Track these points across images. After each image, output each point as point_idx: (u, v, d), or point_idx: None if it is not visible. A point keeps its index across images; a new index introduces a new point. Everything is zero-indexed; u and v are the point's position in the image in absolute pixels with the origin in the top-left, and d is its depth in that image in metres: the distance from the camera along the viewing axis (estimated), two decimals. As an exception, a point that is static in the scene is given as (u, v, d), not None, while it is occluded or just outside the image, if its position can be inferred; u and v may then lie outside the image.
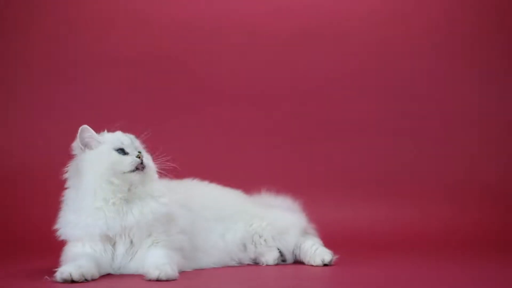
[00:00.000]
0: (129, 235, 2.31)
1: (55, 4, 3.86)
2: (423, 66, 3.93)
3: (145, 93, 3.86)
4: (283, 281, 2.40)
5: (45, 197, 2.50)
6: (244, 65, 3.90)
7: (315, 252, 2.62)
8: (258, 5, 3.93)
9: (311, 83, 3.91)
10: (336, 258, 2.60)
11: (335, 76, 3.90)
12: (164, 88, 3.87)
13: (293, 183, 3.02)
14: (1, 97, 3.80)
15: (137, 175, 2.32)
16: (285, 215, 2.76)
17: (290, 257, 2.70)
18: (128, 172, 2.31)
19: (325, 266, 2.58)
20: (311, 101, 3.90)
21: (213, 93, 3.89)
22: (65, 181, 2.38)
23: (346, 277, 2.41)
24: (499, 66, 3.92)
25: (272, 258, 2.65)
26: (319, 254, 2.60)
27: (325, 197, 3.65)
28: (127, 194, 2.31)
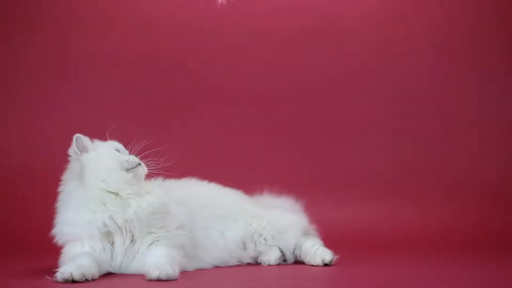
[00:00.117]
0: (130, 230, 2.33)
1: (55, 4, 3.86)
2: (423, 66, 3.94)
3: (145, 93, 3.86)
4: (284, 281, 2.40)
5: (45, 197, 2.50)
6: (244, 65, 3.91)
7: (315, 252, 2.62)
8: (258, 5, 3.93)
9: (311, 83, 3.91)
10: (336, 258, 2.60)
11: (335, 76, 3.90)
12: (164, 88, 3.87)
13: (293, 183, 3.01)
14: (1, 97, 3.80)
15: (139, 169, 2.41)
16: (286, 215, 2.77)
17: (290, 257, 2.70)
18: (131, 168, 2.40)
19: (326, 266, 2.58)
20: (311, 101, 3.90)
21: (213, 93, 3.89)
22: (61, 185, 2.41)
23: (347, 277, 2.41)
24: (499, 66, 3.92)
25: (274, 258, 2.65)
26: (319, 254, 2.61)
27: (325, 197, 3.65)
28: (128, 189, 2.36)
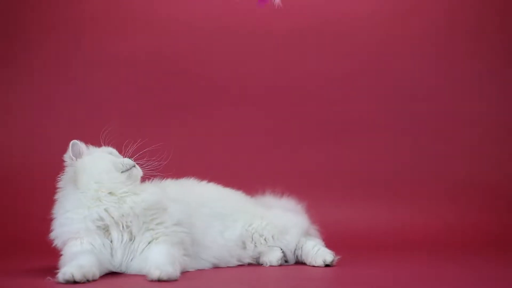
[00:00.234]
0: (127, 225, 2.34)
1: (56, 4, 3.86)
2: (423, 66, 3.94)
3: (145, 93, 3.86)
4: (285, 281, 2.39)
5: (45, 197, 2.50)
6: (245, 65, 3.90)
7: (316, 252, 2.61)
8: (258, 9, 3.93)
9: (311, 83, 3.91)
10: (337, 258, 2.59)
11: (335, 76, 3.90)
12: (164, 89, 3.87)
13: (293, 183, 3.00)
14: (1, 97, 3.80)
15: (134, 171, 2.45)
16: (286, 215, 2.76)
17: (291, 258, 2.69)
18: (126, 170, 2.43)
19: (327, 266, 2.57)
20: (311, 101, 3.90)
21: (213, 94, 3.89)
22: (57, 192, 2.43)
23: (348, 277, 2.41)
24: (500, 66, 3.92)
25: (275, 258, 2.64)
26: (320, 254, 2.60)
27: (325, 197, 3.65)
28: (123, 189, 2.39)
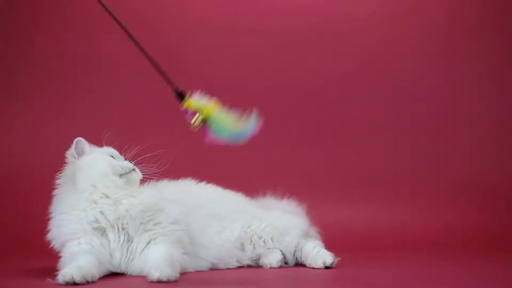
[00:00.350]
0: (123, 227, 2.35)
1: (56, 5, 3.86)
2: (423, 66, 3.96)
3: (145, 93, 3.86)
4: (285, 283, 2.40)
5: (45, 197, 2.50)
6: (245, 65, 3.91)
7: (316, 254, 2.61)
8: (258, 6, 3.93)
9: (311, 83, 3.92)
10: (337, 260, 2.59)
11: (335, 76, 3.92)
12: (164, 89, 3.86)
13: (293, 184, 3.00)
14: (1, 97, 3.80)
15: (133, 174, 2.45)
16: (286, 216, 2.76)
17: (291, 259, 2.69)
18: (125, 174, 2.43)
19: (327, 268, 2.57)
20: (311, 102, 3.91)
21: (213, 94, 3.87)
22: (56, 188, 2.44)
23: (348, 278, 2.41)
24: (500, 66, 3.93)
25: (275, 260, 2.64)
26: (320, 256, 2.60)
27: (325, 198, 3.65)
28: (119, 193, 2.38)
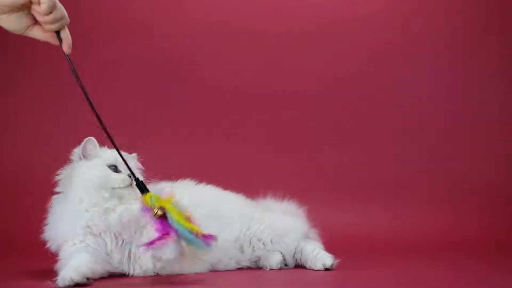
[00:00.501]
0: (116, 234, 2.33)
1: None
2: (423, 67, 3.95)
3: (145, 96, 3.86)
4: (285, 285, 2.40)
5: (46, 197, 2.49)
6: (246, 68, 3.91)
7: (316, 256, 2.60)
8: (258, 8, 3.93)
9: (312, 85, 3.92)
10: (337, 262, 2.59)
11: (335, 78, 3.91)
12: (164, 92, 3.87)
13: (293, 187, 2.99)
14: (1, 97, 3.80)
15: (126, 190, 2.38)
16: (285, 218, 2.74)
17: (291, 261, 2.68)
18: (117, 188, 2.37)
19: (327, 270, 2.57)
20: (311, 103, 3.90)
21: (215, 97, 3.89)
22: (56, 186, 2.43)
23: (347, 281, 2.41)
24: (500, 67, 3.94)
25: (275, 262, 2.64)
26: (320, 258, 2.59)
27: (325, 200, 3.65)
28: (111, 201, 2.36)
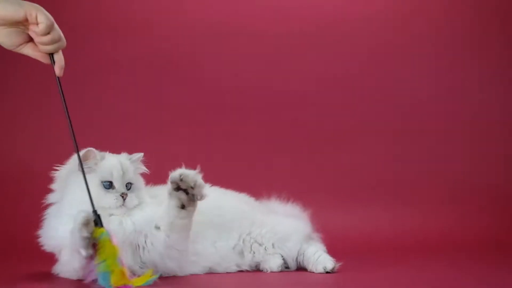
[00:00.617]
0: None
1: (57, 7, 3.84)
2: (423, 68, 3.95)
3: (145, 98, 3.85)
4: (285, 287, 2.39)
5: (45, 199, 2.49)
6: (246, 68, 3.90)
7: (317, 259, 2.59)
8: (258, 9, 3.93)
9: (312, 86, 3.91)
10: (338, 265, 2.58)
11: (335, 79, 3.91)
12: (164, 94, 3.87)
13: (293, 189, 2.99)
14: (1, 97, 3.79)
15: (118, 210, 2.33)
16: (287, 221, 2.73)
17: (292, 264, 2.67)
18: (108, 208, 2.30)
19: (328, 273, 2.56)
20: (311, 105, 3.90)
21: (216, 99, 3.88)
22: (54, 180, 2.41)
23: (348, 283, 2.40)
24: (500, 68, 3.93)
25: (276, 265, 2.62)
26: (321, 261, 2.58)
27: (326, 202, 3.64)
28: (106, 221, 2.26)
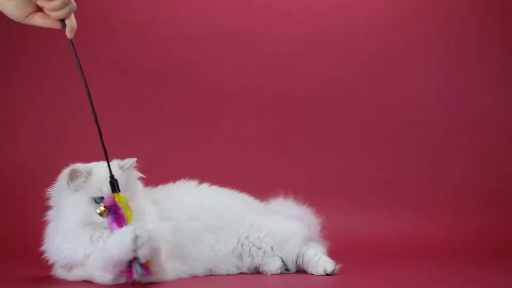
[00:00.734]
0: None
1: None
2: (423, 73, 3.93)
3: (144, 100, 3.84)
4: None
5: (46, 199, 2.49)
6: (247, 71, 3.90)
7: (317, 262, 2.59)
8: (258, 11, 3.92)
9: (313, 87, 3.90)
10: (338, 267, 2.58)
11: (336, 83, 3.90)
12: (164, 92, 3.86)
13: (293, 188, 2.99)
14: (1, 97, 3.79)
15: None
16: (286, 223, 2.71)
17: (292, 266, 2.66)
18: (101, 222, 2.26)
19: (328, 275, 2.55)
20: (311, 107, 3.89)
21: (215, 99, 3.87)
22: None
23: (348, 285, 2.40)
24: (502, 71, 3.92)
25: (275, 267, 2.62)
26: (321, 264, 2.58)
27: (326, 205, 3.58)
28: (100, 234, 2.28)
